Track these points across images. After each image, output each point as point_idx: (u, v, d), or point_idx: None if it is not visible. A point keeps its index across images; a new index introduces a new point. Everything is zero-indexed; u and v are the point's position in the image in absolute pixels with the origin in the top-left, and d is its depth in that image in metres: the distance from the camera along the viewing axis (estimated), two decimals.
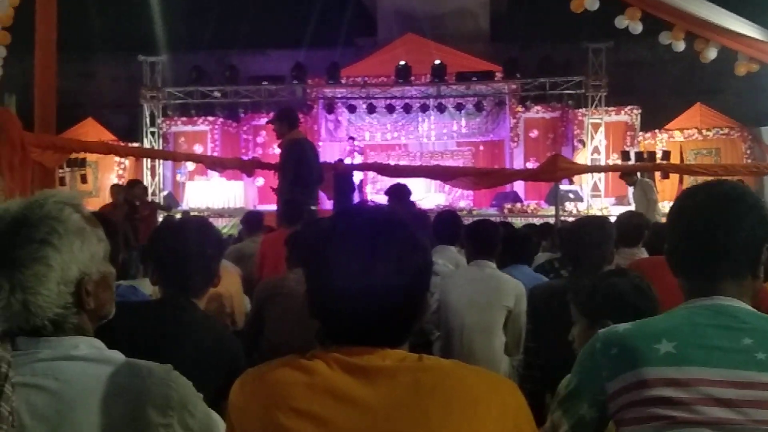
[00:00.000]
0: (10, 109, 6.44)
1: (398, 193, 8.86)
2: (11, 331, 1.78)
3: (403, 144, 22.81)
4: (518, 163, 21.17)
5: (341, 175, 12.17)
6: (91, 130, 20.39)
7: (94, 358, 1.82)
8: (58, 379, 1.76)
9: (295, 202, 7.95)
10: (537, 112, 21.67)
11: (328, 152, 21.15)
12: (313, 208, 9.05)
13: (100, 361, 1.82)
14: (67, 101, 13.46)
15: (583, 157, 19.97)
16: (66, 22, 10.47)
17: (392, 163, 18.17)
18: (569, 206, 18.40)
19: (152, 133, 21.79)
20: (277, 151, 10.01)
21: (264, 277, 6.65)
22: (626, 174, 13.78)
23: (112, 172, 20.88)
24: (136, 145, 20.44)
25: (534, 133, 21.77)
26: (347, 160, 18.93)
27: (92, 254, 1.87)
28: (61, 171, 17.37)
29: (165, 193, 20.81)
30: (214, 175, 19.51)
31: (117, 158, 20.27)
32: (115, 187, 13.90)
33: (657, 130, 20.78)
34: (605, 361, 2.01)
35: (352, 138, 20.90)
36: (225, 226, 16.91)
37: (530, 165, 20.49)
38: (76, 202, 1.91)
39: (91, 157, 18.41)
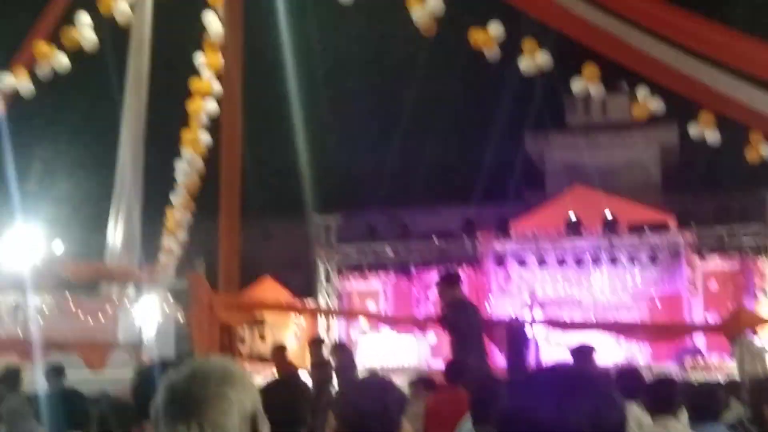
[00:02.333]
0: (200, 274, 6.83)
1: (584, 355, 8.51)
2: None
3: (576, 298, 22.40)
4: (697, 315, 20.37)
5: (515, 330, 12.08)
6: (269, 288, 21.12)
7: None
8: None
9: (454, 362, 8.10)
10: (715, 262, 20.98)
11: (499, 306, 21.02)
12: (480, 363, 9.11)
13: None
14: (247, 261, 14.04)
15: (766, 308, 19.06)
16: (245, 188, 11.02)
17: (566, 317, 17.86)
18: None
19: (327, 291, 22.35)
20: None
21: None
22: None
23: (289, 329, 21.40)
24: (311, 301, 20.95)
25: (713, 284, 21.01)
26: (526, 313, 18.62)
27: (255, 396, 2.05)
28: (240, 329, 17.88)
29: None
30: (386, 328, 19.70)
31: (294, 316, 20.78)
32: (316, 344, 12.34)
33: None
34: None
35: (534, 293, 20.55)
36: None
37: (710, 317, 19.69)
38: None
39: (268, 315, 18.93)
